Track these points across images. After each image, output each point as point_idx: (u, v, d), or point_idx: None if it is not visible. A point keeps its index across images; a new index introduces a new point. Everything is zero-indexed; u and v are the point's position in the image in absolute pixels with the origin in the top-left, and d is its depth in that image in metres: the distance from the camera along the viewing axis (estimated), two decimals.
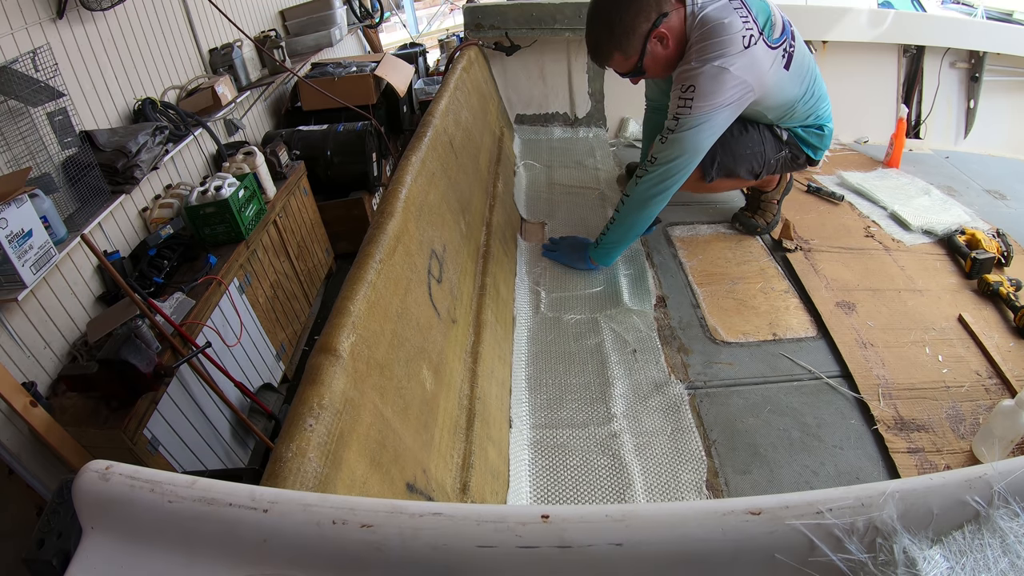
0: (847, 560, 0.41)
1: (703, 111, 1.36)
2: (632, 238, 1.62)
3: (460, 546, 0.43)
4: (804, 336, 1.47)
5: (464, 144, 1.77)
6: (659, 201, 1.51)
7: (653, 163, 1.47)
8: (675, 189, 1.49)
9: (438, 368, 1.08)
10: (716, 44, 1.33)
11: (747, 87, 1.37)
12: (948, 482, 0.44)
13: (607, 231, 1.62)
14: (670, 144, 1.43)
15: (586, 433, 1.24)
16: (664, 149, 1.44)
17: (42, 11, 1.97)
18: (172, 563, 0.45)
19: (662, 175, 1.46)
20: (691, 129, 1.39)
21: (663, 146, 1.44)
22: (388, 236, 1.05)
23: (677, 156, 1.43)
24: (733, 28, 1.33)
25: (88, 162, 1.94)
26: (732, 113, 1.41)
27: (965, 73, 2.78)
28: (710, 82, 1.34)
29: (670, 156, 1.43)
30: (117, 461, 0.49)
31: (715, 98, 1.35)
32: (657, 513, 0.44)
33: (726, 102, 1.36)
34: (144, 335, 1.72)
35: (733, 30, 1.33)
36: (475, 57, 2.41)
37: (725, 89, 1.35)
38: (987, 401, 1.27)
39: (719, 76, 1.33)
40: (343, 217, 3.23)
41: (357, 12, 4.55)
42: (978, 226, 1.81)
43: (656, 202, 1.51)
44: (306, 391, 0.73)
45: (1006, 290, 1.52)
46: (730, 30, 1.33)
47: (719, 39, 1.33)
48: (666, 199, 1.51)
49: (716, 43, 1.33)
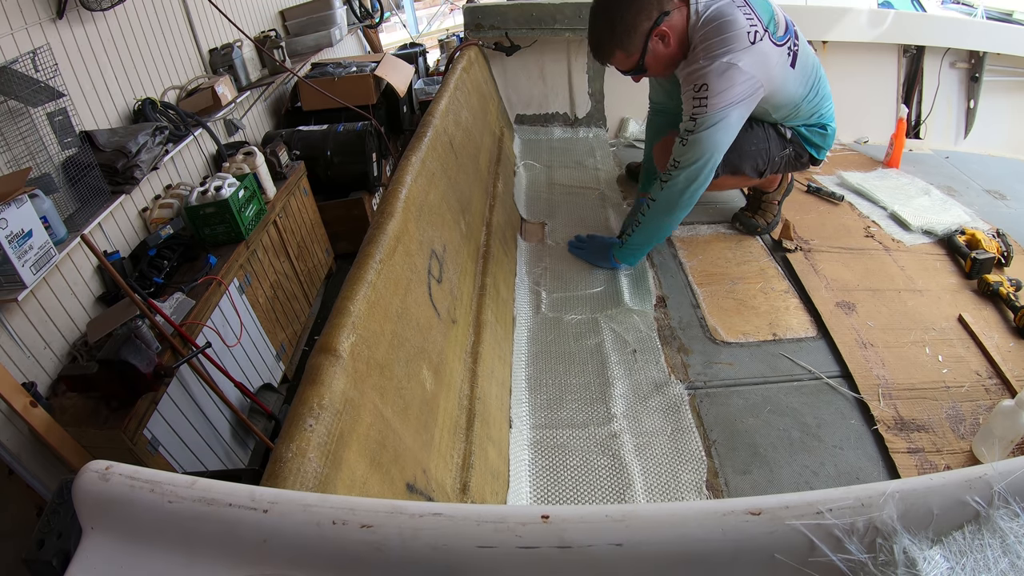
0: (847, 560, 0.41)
1: (719, 108, 1.37)
2: (658, 239, 1.63)
3: (460, 546, 0.43)
4: (804, 336, 1.47)
5: (464, 144, 1.77)
6: (687, 204, 1.51)
7: (677, 167, 1.46)
8: (702, 190, 1.49)
9: (438, 368, 1.08)
10: (722, 41, 1.34)
11: (757, 83, 1.38)
12: (948, 482, 0.44)
13: (633, 232, 1.63)
14: (691, 145, 1.42)
15: (586, 433, 1.24)
16: (686, 152, 1.43)
17: (42, 11, 1.97)
18: (172, 563, 0.45)
19: (688, 177, 1.46)
20: (710, 128, 1.39)
21: (685, 148, 1.43)
22: (388, 236, 1.05)
23: (700, 156, 1.42)
24: (738, 25, 1.33)
25: (88, 162, 1.94)
26: (745, 110, 1.41)
27: (965, 73, 2.78)
28: (721, 79, 1.34)
29: (694, 158, 1.43)
30: (117, 461, 0.49)
31: (728, 94, 1.36)
32: (657, 513, 0.44)
33: (739, 98, 1.37)
34: (144, 335, 1.72)
35: (738, 27, 1.33)
36: (475, 57, 2.41)
37: (736, 84, 1.35)
38: (987, 401, 1.27)
39: (729, 72, 1.34)
40: (343, 217, 3.23)
41: (357, 12, 4.55)
42: (978, 226, 1.81)
43: (684, 205, 1.51)
44: (306, 391, 0.73)
45: (1006, 290, 1.52)
46: (735, 27, 1.33)
47: (725, 36, 1.34)
48: (693, 202, 1.51)
49: (722, 40, 1.34)
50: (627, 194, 2.15)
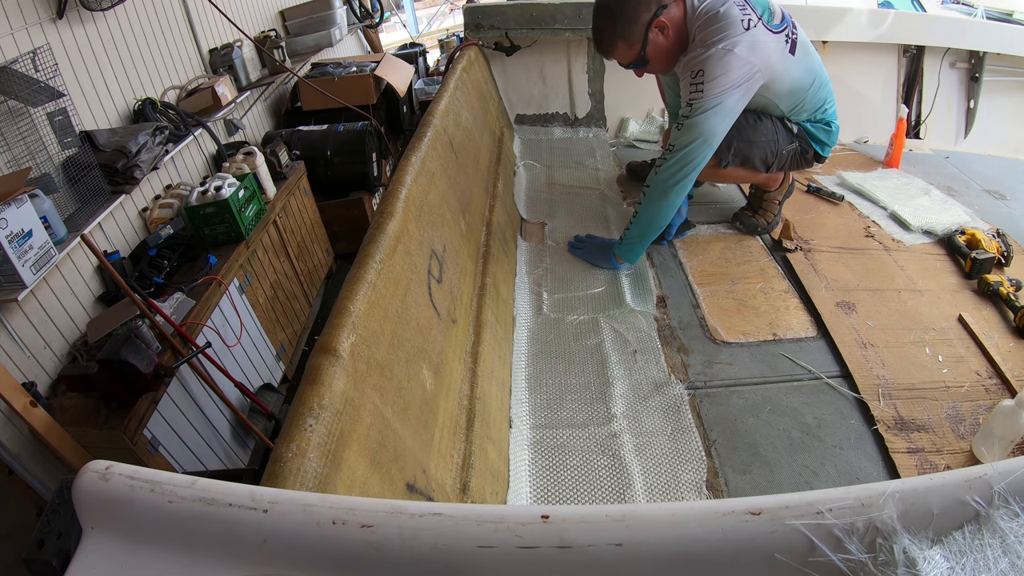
0: (847, 560, 0.41)
1: (714, 94, 1.41)
2: (655, 231, 1.64)
3: (460, 546, 0.43)
4: (804, 336, 1.47)
5: (464, 144, 1.77)
6: (680, 189, 1.53)
7: (671, 150, 1.50)
8: (694, 176, 1.52)
9: (438, 368, 1.08)
10: (717, 29, 1.41)
11: (753, 67, 1.42)
12: (948, 482, 0.44)
13: (629, 226, 1.64)
14: (686, 129, 1.46)
15: (586, 433, 1.24)
16: (680, 135, 1.48)
17: (42, 11, 1.97)
18: (172, 563, 0.45)
19: (680, 161, 1.49)
20: (705, 112, 1.43)
21: (679, 133, 1.48)
22: (388, 236, 1.05)
23: (693, 140, 1.46)
24: (731, 14, 1.42)
25: (88, 162, 1.93)
26: (743, 95, 1.45)
27: (965, 73, 2.78)
28: (717, 64, 1.40)
29: (687, 141, 1.47)
30: (117, 461, 0.49)
31: (724, 79, 1.41)
32: (657, 513, 0.44)
33: (736, 83, 1.41)
34: (144, 335, 1.72)
35: (731, 15, 1.42)
36: (475, 57, 2.41)
37: (732, 70, 1.40)
38: (987, 401, 1.27)
39: (725, 58, 1.40)
40: (343, 217, 3.23)
41: (357, 12, 4.55)
42: (978, 226, 1.81)
43: (677, 191, 1.53)
44: (306, 391, 0.73)
45: (1006, 290, 1.52)
46: (728, 16, 1.42)
47: (719, 24, 1.42)
48: (686, 187, 1.53)
49: (717, 28, 1.41)
50: (627, 194, 2.15)
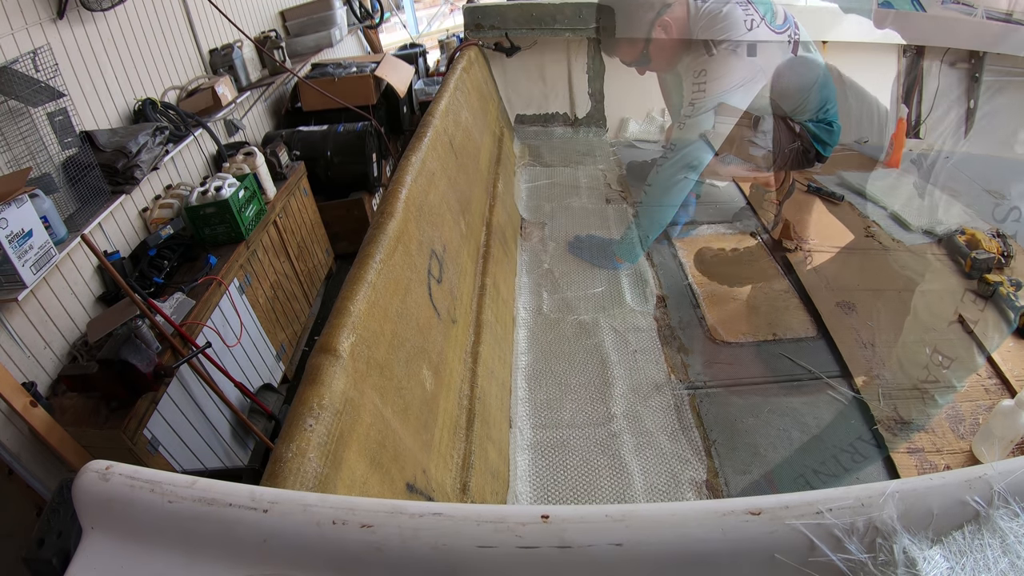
0: (847, 560, 0.41)
1: (717, 93, 1.43)
2: (656, 230, 1.64)
3: (460, 546, 0.43)
4: (804, 336, 1.47)
5: (464, 144, 1.77)
6: (681, 188, 1.53)
7: (673, 149, 1.50)
8: (696, 175, 1.52)
9: (438, 368, 1.08)
10: (720, 30, 1.43)
11: (755, 67, 1.44)
12: (948, 482, 0.44)
13: (630, 225, 1.65)
14: (688, 128, 1.47)
15: (586, 433, 1.24)
16: (682, 134, 1.48)
17: (42, 11, 1.97)
18: (172, 563, 0.45)
19: (682, 160, 1.49)
20: (708, 112, 1.44)
21: (681, 132, 1.49)
22: (388, 236, 1.05)
23: (695, 139, 1.47)
24: (733, 14, 1.43)
25: (88, 162, 1.94)
26: (745, 95, 1.46)
27: (965, 73, 2.78)
28: (719, 65, 1.42)
29: (689, 140, 1.47)
30: (117, 461, 0.49)
31: (726, 79, 1.42)
32: (657, 513, 0.44)
33: (737, 83, 1.43)
34: (144, 335, 1.72)
35: (734, 16, 1.43)
36: (475, 58, 2.41)
37: (734, 70, 1.42)
38: (987, 401, 1.27)
39: (727, 58, 1.41)
40: (343, 217, 3.23)
41: (357, 12, 4.55)
42: (978, 226, 1.81)
43: (678, 189, 1.53)
44: (306, 391, 0.72)
45: (1006, 290, 1.52)
46: (731, 16, 1.43)
47: (722, 24, 1.43)
48: (688, 186, 1.53)
49: (720, 28, 1.43)
50: (627, 194, 2.15)
